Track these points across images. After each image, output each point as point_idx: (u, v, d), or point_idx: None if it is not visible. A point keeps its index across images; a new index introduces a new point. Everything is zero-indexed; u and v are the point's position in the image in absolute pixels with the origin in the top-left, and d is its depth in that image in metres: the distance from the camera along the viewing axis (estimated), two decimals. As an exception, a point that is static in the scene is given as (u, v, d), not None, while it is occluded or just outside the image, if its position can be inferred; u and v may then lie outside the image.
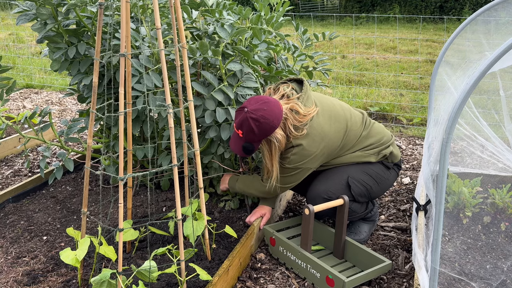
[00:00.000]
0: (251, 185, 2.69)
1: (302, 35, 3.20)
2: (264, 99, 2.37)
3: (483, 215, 2.75)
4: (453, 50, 3.25)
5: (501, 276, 2.29)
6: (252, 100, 2.39)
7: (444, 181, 1.68)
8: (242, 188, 2.73)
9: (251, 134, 2.35)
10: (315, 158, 2.49)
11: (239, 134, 2.39)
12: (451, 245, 2.55)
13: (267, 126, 2.33)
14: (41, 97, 6.13)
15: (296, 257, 2.43)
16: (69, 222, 2.88)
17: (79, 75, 2.84)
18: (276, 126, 2.36)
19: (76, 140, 2.98)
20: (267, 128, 2.34)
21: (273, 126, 2.35)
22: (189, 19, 2.77)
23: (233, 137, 2.46)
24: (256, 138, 2.37)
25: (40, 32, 2.73)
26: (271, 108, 2.34)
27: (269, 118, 2.32)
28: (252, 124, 2.32)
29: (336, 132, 2.52)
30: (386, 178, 2.68)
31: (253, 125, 2.32)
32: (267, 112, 2.33)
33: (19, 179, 3.59)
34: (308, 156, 2.46)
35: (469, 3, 14.55)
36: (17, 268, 2.43)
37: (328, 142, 2.49)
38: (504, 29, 2.95)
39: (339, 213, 2.48)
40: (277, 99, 2.44)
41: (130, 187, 2.38)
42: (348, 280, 2.18)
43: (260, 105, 2.34)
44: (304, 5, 17.21)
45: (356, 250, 2.47)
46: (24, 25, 10.08)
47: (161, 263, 2.33)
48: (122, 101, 1.90)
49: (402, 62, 7.85)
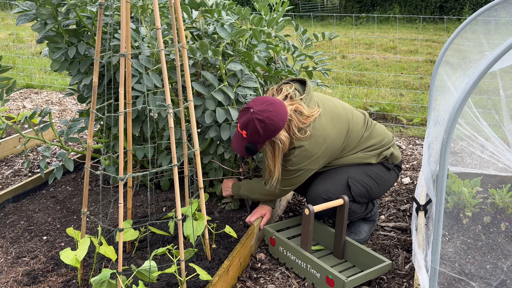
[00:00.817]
0: (255, 190, 2.69)
1: (301, 35, 3.20)
2: (270, 100, 2.36)
3: (483, 215, 2.75)
4: (453, 50, 3.25)
5: (501, 276, 2.29)
6: (257, 100, 2.38)
7: (444, 181, 1.68)
8: (246, 194, 2.73)
9: (255, 135, 2.34)
10: (317, 159, 2.49)
11: (243, 135, 2.37)
12: (451, 245, 2.55)
13: (273, 127, 2.32)
14: (41, 97, 6.13)
15: (296, 257, 2.43)
16: (69, 222, 2.88)
17: (79, 75, 2.84)
18: (281, 128, 2.35)
19: (76, 140, 2.98)
20: (273, 129, 2.33)
21: (278, 128, 2.34)
22: (189, 19, 2.77)
23: (236, 137, 2.45)
24: (261, 139, 2.36)
25: (40, 32, 2.73)
26: (276, 109, 2.33)
27: (274, 120, 2.31)
28: (258, 125, 2.31)
29: (338, 133, 2.51)
30: (386, 179, 2.68)
31: (258, 126, 2.31)
32: (273, 114, 2.32)
33: (19, 179, 3.59)
34: (311, 158, 2.46)
35: (469, 3, 14.56)
36: (17, 268, 2.43)
37: (330, 143, 2.49)
38: (504, 29, 2.95)
39: (339, 213, 2.48)
40: (282, 100, 2.44)
41: (130, 187, 2.38)
42: (348, 280, 2.18)
43: (266, 106, 2.33)
44: (304, 5, 17.21)
45: (356, 250, 2.47)
46: (24, 25, 10.08)
47: (161, 263, 2.33)
48: (122, 101, 1.90)
49: (402, 62, 7.85)
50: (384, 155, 2.65)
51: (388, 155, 2.67)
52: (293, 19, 3.52)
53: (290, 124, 2.41)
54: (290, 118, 2.40)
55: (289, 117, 2.40)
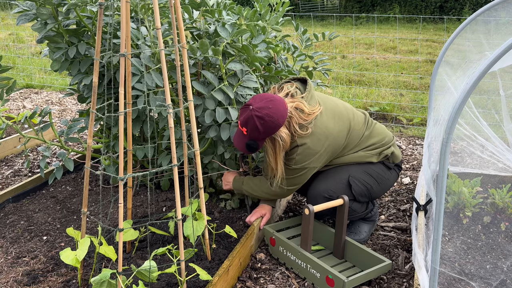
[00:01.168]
0: (258, 188, 2.68)
1: (302, 35, 3.20)
2: (269, 97, 2.37)
3: (483, 215, 2.75)
4: (453, 50, 3.25)
5: (501, 276, 2.29)
6: (257, 98, 2.39)
7: (444, 181, 1.68)
8: (249, 191, 2.72)
9: (255, 132, 2.35)
10: (320, 157, 2.49)
11: (243, 132, 2.38)
12: (451, 245, 2.55)
13: (272, 124, 2.33)
14: (41, 97, 6.13)
15: (296, 257, 2.43)
16: (69, 222, 2.88)
17: (79, 75, 2.84)
18: (280, 125, 2.36)
19: (76, 140, 2.98)
20: (272, 126, 2.34)
21: (278, 125, 2.35)
22: (190, 19, 2.77)
23: (237, 134, 2.46)
24: (261, 136, 2.37)
25: (40, 32, 2.73)
26: (276, 106, 2.34)
27: (274, 117, 2.32)
28: (257, 122, 2.32)
29: (340, 131, 2.52)
30: (386, 178, 2.68)
31: (258, 123, 2.32)
32: (272, 111, 2.33)
33: (19, 179, 3.59)
34: (313, 155, 2.46)
35: (469, 3, 14.56)
36: (17, 268, 2.42)
37: (332, 141, 2.49)
38: (504, 29, 2.95)
39: (339, 213, 2.48)
40: (282, 97, 2.44)
41: (130, 187, 2.38)
42: (348, 280, 2.18)
43: (265, 103, 2.34)
44: (304, 5, 17.21)
45: (356, 250, 2.47)
46: (24, 25, 10.07)
47: (161, 263, 2.33)
48: (122, 101, 1.90)
49: (402, 62, 7.85)
50: (385, 154, 2.65)
51: (389, 154, 2.67)
52: (293, 19, 3.52)
53: (290, 121, 2.41)
54: (291, 115, 2.40)
55: (290, 114, 2.40)
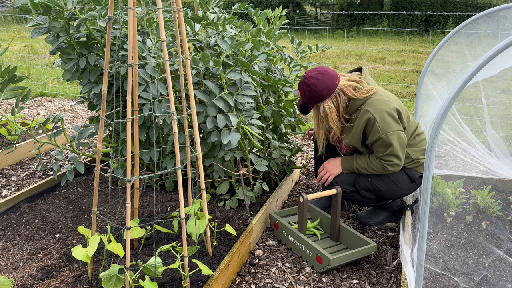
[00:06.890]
0: (372, 165, 2.59)
1: (297, 47, 3.21)
2: (323, 70, 2.46)
3: (466, 215, 2.75)
4: (438, 61, 3.26)
5: (483, 272, 2.29)
6: (314, 69, 2.49)
7: (429, 182, 1.68)
8: (364, 167, 2.63)
9: (304, 96, 2.49)
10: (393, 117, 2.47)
11: (299, 95, 2.54)
12: (435, 242, 2.56)
13: (315, 93, 2.43)
14: (54, 105, 6.13)
15: (294, 239, 2.55)
16: (80, 221, 2.88)
17: (89, 84, 2.84)
18: (324, 97, 2.44)
19: (87, 144, 2.98)
20: (315, 95, 2.44)
21: (321, 96, 2.43)
22: (192, 32, 2.78)
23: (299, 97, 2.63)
24: (308, 101, 2.50)
25: (53, 44, 2.74)
26: (324, 79, 2.42)
27: (318, 87, 2.42)
28: (305, 88, 2.45)
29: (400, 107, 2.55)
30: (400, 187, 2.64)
31: (305, 89, 2.45)
32: (319, 82, 2.42)
33: (34, 181, 3.59)
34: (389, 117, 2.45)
35: (452, 17, 14.61)
36: (32, 264, 2.42)
37: (397, 103, 2.54)
38: (485, 41, 2.97)
39: (333, 202, 2.58)
40: (338, 73, 2.50)
41: (137, 188, 2.38)
42: (333, 258, 2.28)
43: (315, 74, 2.44)
44: (299, 18, 17.26)
45: (347, 233, 2.57)
46: (38, 38, 10.10)
47: (166, 259, 2.33)
48: (130, 108, 1.90)
49: (390, 72, 7.87)
50: (421, 162, 2.63)
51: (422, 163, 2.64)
52: (289, 31, 3.53)
53: (338, 97, 2.46)
54: (342, 91, 2.46)
55: (339, 91, 2.45)
